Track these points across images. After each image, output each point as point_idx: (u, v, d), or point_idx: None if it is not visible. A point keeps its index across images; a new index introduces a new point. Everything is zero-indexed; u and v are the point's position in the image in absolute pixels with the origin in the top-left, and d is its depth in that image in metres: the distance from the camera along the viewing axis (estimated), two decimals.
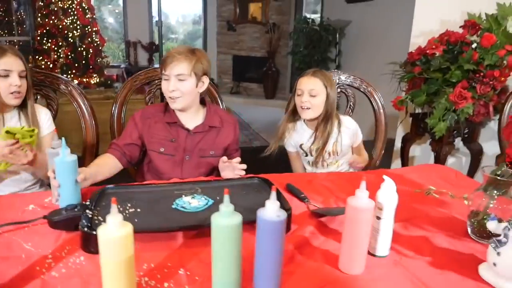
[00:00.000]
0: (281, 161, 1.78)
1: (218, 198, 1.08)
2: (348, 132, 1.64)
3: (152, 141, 1.43)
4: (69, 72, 6.16)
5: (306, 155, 1.69)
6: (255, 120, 5.83)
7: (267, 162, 1.55)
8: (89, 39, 6.34)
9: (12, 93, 1.31)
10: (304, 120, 1.67)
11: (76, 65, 6.23)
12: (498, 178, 0.94)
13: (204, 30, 7.48)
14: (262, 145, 4.56)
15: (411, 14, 2.74)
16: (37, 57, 6.14)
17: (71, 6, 6.07)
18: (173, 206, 1.02)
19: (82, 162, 1.60)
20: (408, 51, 2.56)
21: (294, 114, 1.67)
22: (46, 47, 6.10)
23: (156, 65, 3.02)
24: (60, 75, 1.56)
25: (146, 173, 1.49)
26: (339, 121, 1.62)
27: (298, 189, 1.24)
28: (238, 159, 1.30)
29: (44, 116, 1.44)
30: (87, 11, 6.27)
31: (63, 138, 1.02)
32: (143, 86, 1.69)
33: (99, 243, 0.66)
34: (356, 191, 0.80)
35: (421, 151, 2.85)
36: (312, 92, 1.55)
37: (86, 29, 6.28)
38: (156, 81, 1.67)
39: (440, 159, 2.38)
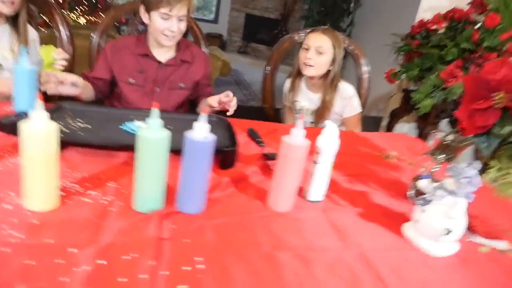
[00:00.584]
0: (277, 119, 1.80)
1: (172, 127, 1.08)
2: (341, 100, 1.62)
3: (122, 71, 1.43)
4: (76, 8, 6.06)
5: (296, 113, 1.69)
6: (257, 82, 5.76)
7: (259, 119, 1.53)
8: None
9: (4, 2, 1.29)
10: (305, 81, 1.66)
11: (85, 2, 6.12)
12: (446, 142, 0.94)
13: None
14: (257, 105, 4.55)
15: None
16: None
17: None
18: (121, 126, 1.03)
19: None
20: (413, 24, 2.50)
21: (299, 73, 1.65)
22: None
23: None
24: None
25: (115, 102, 1.50)
26: (336, 85, 1.61)
27: (257, 134, 1.24)
28: (228, 92, 1.29)
29: (33, 34, 1.44)
30: None
31: (22, 47, 1.02)
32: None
33: (20, 138, 0.67)
34: (291, 129, 0.80)
35: (408, 129, 2.83)
36: (319, 49, 1.54)
37: None
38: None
39: (422, 138, 2.37)
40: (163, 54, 1.46)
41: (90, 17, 6.19)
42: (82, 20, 6.12)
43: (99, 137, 0.96)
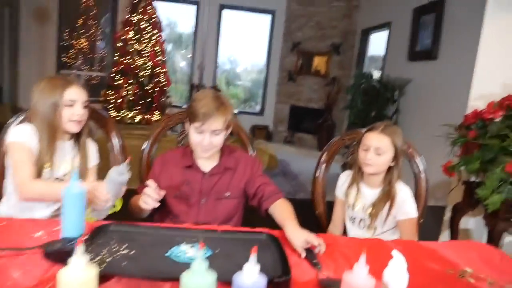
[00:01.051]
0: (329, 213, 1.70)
1: (218, 250, 1.01)
2: (395, 202, 1.52)
3: (169, 185, 1.42)
4: (134, 108, 6.54)
5: (349, 208, 1.60)
6: (304, 171, 5.73)
7: (311, 216, 1.43)
8: (156, 79, 6.75)
9: (73, 121, 1.40)
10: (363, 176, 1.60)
11: (141, 102, 6.60)
12: None
13: (265, 79, 7.68)
14: (306, 197, 4.43)
15: (471, 76, 2.60)
16: (108, 92, 6.62)
17: (145, 48, 6.55)
18: (167, 254, 0.98)
19: None
20: (465, 113, 2.41)
21: (359, 169, 1.59)
22: (117, 84, 6.56)
23: None
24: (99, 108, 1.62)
25: (164, 216, 1.46)
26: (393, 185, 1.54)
27: (313, 254, 1.13)
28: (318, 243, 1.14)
29: (92, 148, 1.54)
30: (158, 53, 6.73)
31: (74, 170, 1.03)
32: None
33: (58, 285, 0.62)
34: (354, 266, 0.71)
35: (475, 224, 2.58)
36: (379, 150, 1.49)
37: (156, 70, 6.71)
38: None
39: (494, 237, 2.13)
40: (208, 163, 1.45)
41: (145, 116, 6.64)
42: (137, 118, 6.57)
43: (142, 268, 0.90)
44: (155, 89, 6.70)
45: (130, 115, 6.54)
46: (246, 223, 1.52)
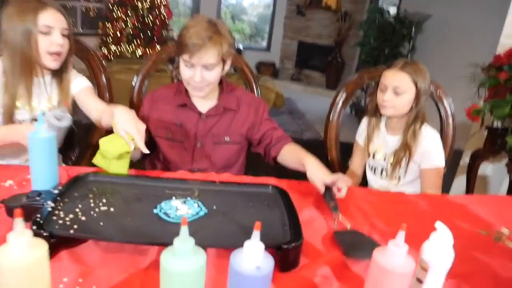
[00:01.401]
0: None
1: (215, 207, 0.86)
2: (421, 147, 1.34)
3: (158, 125, 1.25)
4: (134, 42, 6.23)
5: (369, 156, 1.43)
6: (311, 110, 5.54)
7: (318, 156, 1.25)
8: (156, 11, 6.35)
9: (51, 54, 1.17)
10: (384, 121, 1.41)
11: (141, 35, 6.27)
12: None
13: (272, 13, 7.21)
14: (313, 137, 4.26)
15: (505, 11, 2.30)
16: (107, 24, 6.26)
17: None
18: (155, 211, 0.82)
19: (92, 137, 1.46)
20: (495, 53, 2.15)
21: (376, 111, 1.40)
22: (115, 15, 6.19)
23: None
24: (81, 40, 1.39)
25: (156, 160, 1.31)
26: (419, 128, 1.34)
27: (333, 195, 1.00)
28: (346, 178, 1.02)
29: (77, 77, 1.31)
30: None
31: (40, 115, 0.85)
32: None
33: None
34: (389, 243, 0.54)
35: (493, 171, 2.42)
36: (397, 89, 1.28)
37: (155, 1, 6.29)
38: None
39: None
40: (205, 103, 1.26)
41: (146, 49, 6.32)
42: (138, 52, 6.27)
43: (124, 228, 0.75)
44: (156, 22, 6.34)
45: (131, 49, 6.24)
46: (248, 172, 1.36)
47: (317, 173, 1.03)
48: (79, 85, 1.29)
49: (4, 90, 1.16)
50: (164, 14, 6.45)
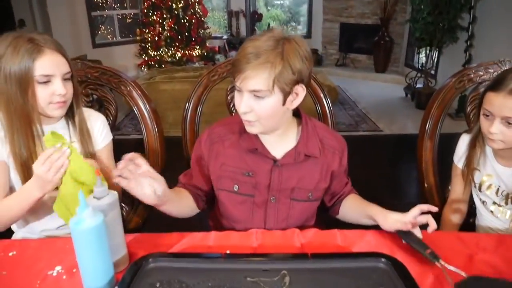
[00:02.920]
0: (400, 151, 1.25)
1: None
2: None
3: (221, 175, 1.01)
4: (173, 45, 6.14)
5: (475, 187, 1.16)
6: (363, 97, 5.20)
7: (379, 152, 1.01)
8: (191, 10, 6.22)
9: (54, 103, 0.99)
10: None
11: (179, 37, 6.17)
12: None
13: None
14: (370, 129, 3.94)
15: None
16: (144, 30, 6.22)
17: None
18: None
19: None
20: None
21: (480, 134, 1.11)
22: (151, 20, 6.13)
23: None
24: (119, 71, 1.22)
25: (220, 217, 1.09)
26: None
27: (419, 241, 0.83)
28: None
29: (100, 124, 1.12)
30: None
31: (81, 192, 0.67)
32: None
33: None
34: None
35: None
36: (509, 119, 0.98)
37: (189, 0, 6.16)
38: None
39: None
40: (277, 145, 0.98)
41: (185, 51, 6.22)
42: (177, 55, 6.19)
43: None
44: (192, 21, 6.20)
45: (170, 53, 6.16)
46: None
47: (391, 215, 0.89)
48: (104, 139, 1.12)
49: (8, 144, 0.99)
50: (200, 12, 6.31)
